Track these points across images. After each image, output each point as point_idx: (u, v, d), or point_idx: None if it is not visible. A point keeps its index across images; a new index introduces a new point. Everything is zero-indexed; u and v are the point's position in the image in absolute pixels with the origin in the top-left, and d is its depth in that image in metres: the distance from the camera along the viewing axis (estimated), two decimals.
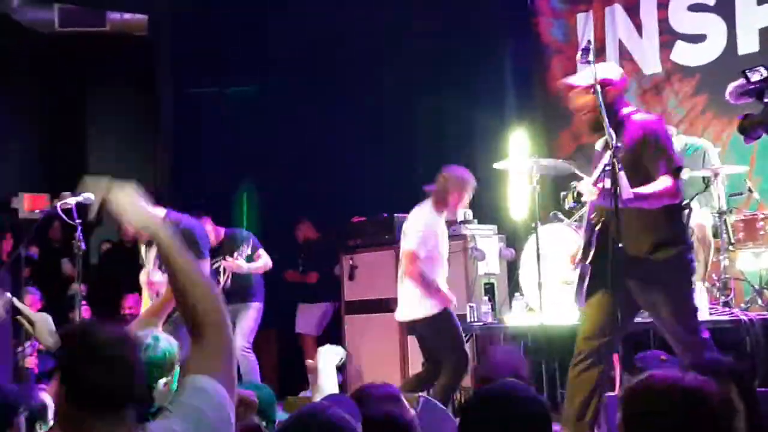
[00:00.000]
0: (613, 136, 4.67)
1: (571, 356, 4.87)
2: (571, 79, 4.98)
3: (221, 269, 7.68)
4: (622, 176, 4.42)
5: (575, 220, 7.13)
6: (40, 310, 8.55)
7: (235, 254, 7.62)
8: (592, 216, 4.75)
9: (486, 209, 8.35)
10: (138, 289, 7.93)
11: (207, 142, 10.02)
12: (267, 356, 8.75)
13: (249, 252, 7.74)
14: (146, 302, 6.12)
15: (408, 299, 6.42)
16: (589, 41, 5.01)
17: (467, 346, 7.37)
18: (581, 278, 4.69)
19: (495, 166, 7.43)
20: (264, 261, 7.92)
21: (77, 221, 6.40)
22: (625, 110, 4.93)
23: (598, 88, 4.73)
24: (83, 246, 6.35)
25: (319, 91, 9.89)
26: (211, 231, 7.96)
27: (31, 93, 11.39)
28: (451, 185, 6.43)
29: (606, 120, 4.59)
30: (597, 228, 4.68)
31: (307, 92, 9.93)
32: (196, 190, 6.41)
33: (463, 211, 7.59)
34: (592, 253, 4.67)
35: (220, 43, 10.00)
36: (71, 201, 6.39)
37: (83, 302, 7.29)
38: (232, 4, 10.04)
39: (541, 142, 9.03)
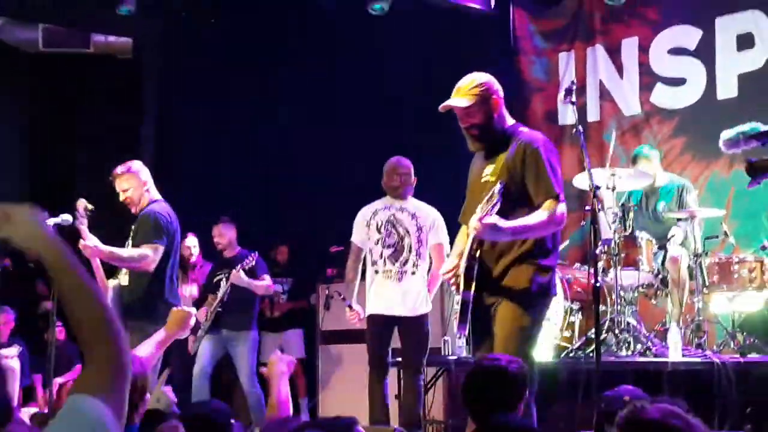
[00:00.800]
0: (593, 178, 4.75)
1: (547, 391, 4.84)
2: (452, 102, 4.65)
3: (222, 281, 7.69)
4: (495, 212, 4.27)
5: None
6: (13, 330, 8.57)
7: (238, 266, 7.65)
8: (474, 245, 4.49)
9: None
10: None
11: (189, 164, 10.01)
12: None
13: (253, 264, 7.75)
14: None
15: (418, 293, 6.37)
16: (572, 82, 5.09)
17: (440, 381, 7.39)
18: (464, 305, 4.47)
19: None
20: (266, 284, 7.92)
21: None
22: (510, 121, 4.73)
23: (580, 130, 4.78)
24: None
25: (303, 118, 9.92)
26: (226, 238, 8.00)
27: (15, 112, 11.36)
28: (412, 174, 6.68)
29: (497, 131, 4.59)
30: (478, 256, 4.47)
31: (291, 119, 9.96)
32: (177, 210, 6.46)
33: None
34: (474, 283, 4.45)
35: (205, 67, 10.02)
36: (49, 222, 6.36)
37: (58, 321, 7.23)
38: (218, 27, 10.07)
39: None
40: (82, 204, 6.03)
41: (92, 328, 2.05)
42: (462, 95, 4.63)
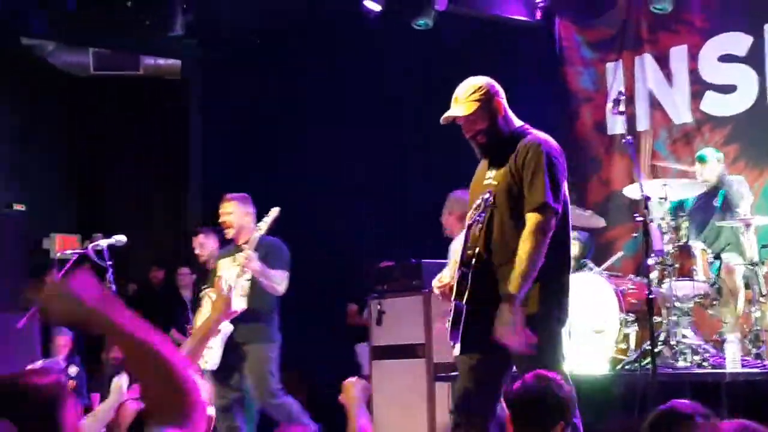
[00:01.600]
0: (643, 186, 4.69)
1: (602, 404, 4.76)
2: (453, 113, 4.42)
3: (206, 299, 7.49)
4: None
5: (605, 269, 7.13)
6: (71, 351, 8.67)
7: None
8: (468, 249, 4.28)
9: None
10: (165, 329, 7.97)
11: (238, 185, 10.07)
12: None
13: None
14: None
15: None
16: (620, 92, 5.04)
17: None
18: (457, 314, 4.18)
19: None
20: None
21: (108, 263, 6.49)
22: (517, 122, 4.47)
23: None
24: (114, 288, 6.42)
25: (345, 136, 9.96)
26: (207, 248, 8.01)
27: (65, 135, 11.56)
28: None
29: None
30: (474, 262, 4.20)
31: (334, 137, 10.00)
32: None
33: None
34: (467, 291, 4.16)
35: (251, 89, 10.10)
36: (103, 243, 6.52)
37: None
38: (265, 51, 10.16)
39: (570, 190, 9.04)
40: (275, 212, 6.50)
41: (157, 381, 2.05)
42: (461, 103, 4.39)
